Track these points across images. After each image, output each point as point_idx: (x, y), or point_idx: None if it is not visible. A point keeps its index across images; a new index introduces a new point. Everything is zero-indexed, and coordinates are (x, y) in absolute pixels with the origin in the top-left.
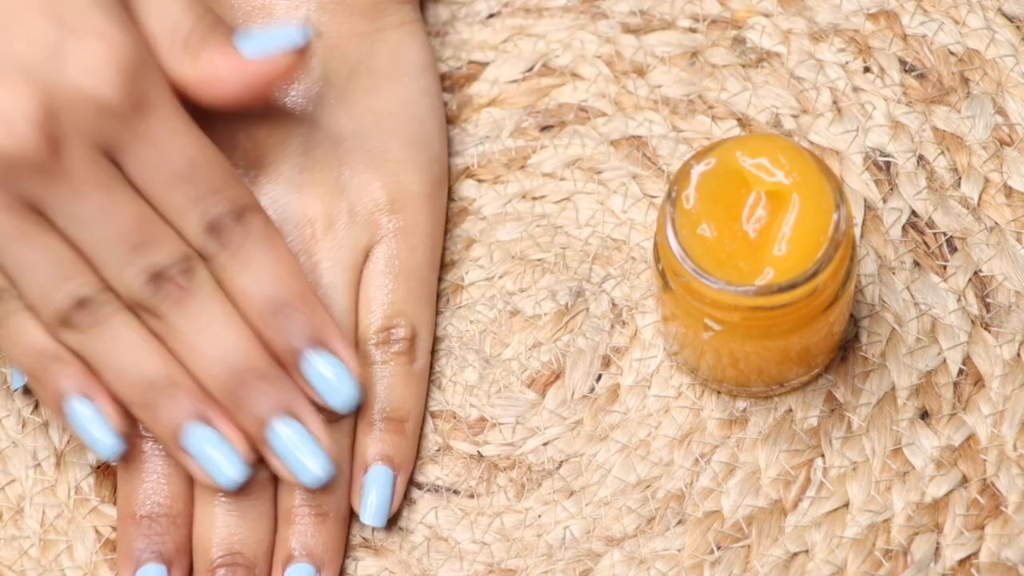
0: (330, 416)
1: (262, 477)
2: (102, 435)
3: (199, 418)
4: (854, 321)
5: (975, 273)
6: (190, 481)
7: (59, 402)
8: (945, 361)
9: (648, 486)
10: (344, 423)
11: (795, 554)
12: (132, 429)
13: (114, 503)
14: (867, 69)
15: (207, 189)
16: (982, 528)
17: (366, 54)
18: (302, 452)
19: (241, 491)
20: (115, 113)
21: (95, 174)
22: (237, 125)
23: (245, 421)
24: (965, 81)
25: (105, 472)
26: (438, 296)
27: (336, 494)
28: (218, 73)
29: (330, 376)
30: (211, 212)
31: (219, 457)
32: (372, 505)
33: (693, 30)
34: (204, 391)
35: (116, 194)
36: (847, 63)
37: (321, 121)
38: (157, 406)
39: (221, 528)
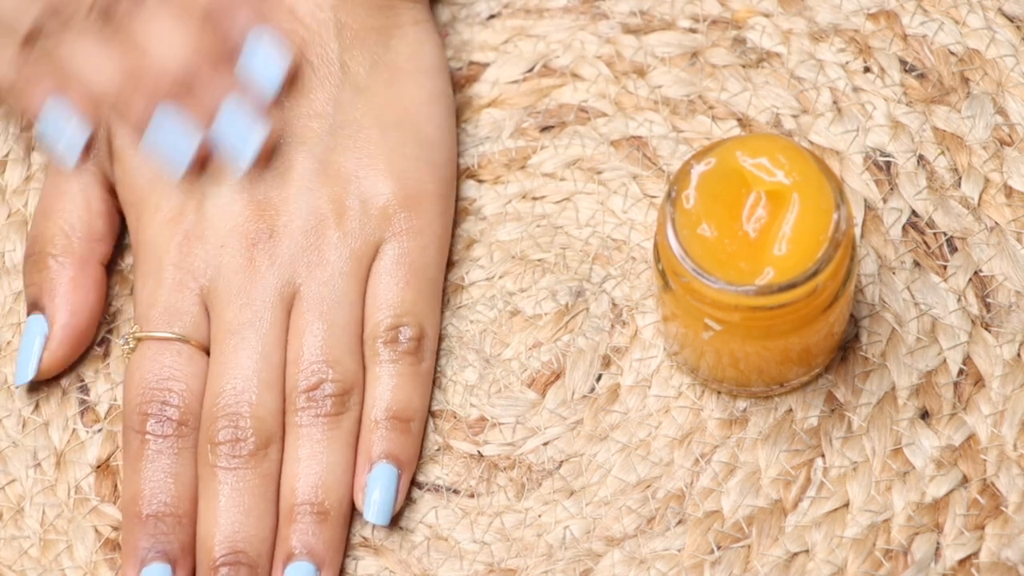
0: (333, 411)
1: (265, 474)
2: (75, 131)
3: (161, 104)
4: (854, 321)
5: (975, 273)
6: (195, 481)
7: (36, 109)
8: (945, 361)
9: (648, 486)
10: (348, 420)
11: (795, 554)
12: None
13: (114, 503)
14: (867, 69)
15: None
16: (982, 528)
17: (384, 49)
18: (244, 128)
19: (244, 489)
20: None
21: None
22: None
23: (196, 107)
24: (965, 81)
25: (105, 472)
26: None
27: (338, 492)
28: None
29: (269, 52)
30: None
31: (179, 137)
32: (376, 503)
33: (693, 30)
34: (161, 85)
35: None
36: (847, 63)
37: (344, 107)
38: (123, 101)
39: (224, 526)
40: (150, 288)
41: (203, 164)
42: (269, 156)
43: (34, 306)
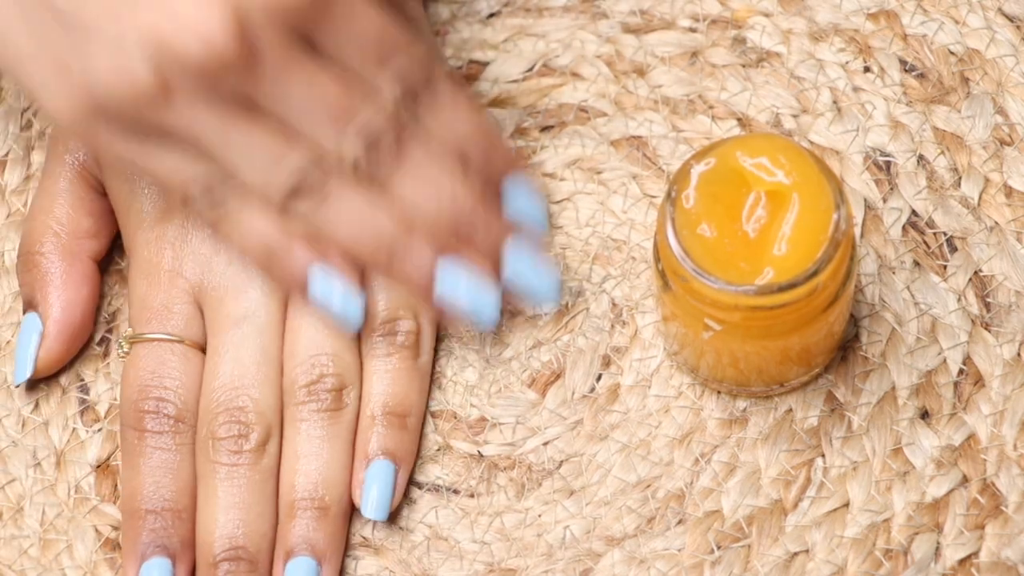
0: (332, 406)
1: (265, 470)
2: (349, 300)
3: (446, 254)
4: (854, 321)
5: (975, 273)
6: (193, 477)
7: (302, 278)
8: (945, 361)
9: (648, 486)
10: (346, 415)
11: (795, 554)
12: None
13: (114, 502)
14: (867, 69)
15: (397, 53)
16: (982, 528)
17: None
18: (536, 269)
19: (244, 486)
20: (301, 2)
21: (292, 58)
22: None
23: (482, 256)
24: (965, 81)
25: (105, 471)
26: None
27: (338, 488)
28: None
29: (528, 198)
30: (404, 73)
31: (475, 285)
32: (373, 499)
33: (693, 30)
34: (440, 235)
35: (315, 71)
36: (847, 63)
37: None
38: (402, 257)
39: (224, 522)
40: (143, 289)
41: None
42: None
43: (28, 304)
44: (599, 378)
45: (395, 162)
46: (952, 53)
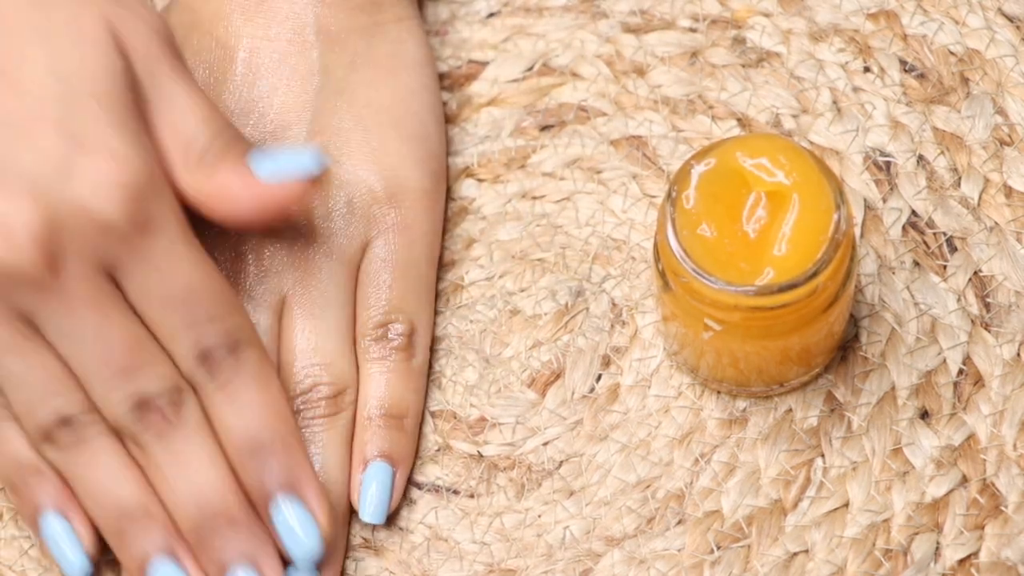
0: (327, 412)
1: None
2: (72, 554)
3: (166, 554)
4: (854, 321)
5: (975, 273)
6: None
7: (35, 515)
8: (945, 361)
9: (648, 486)
10: (343, 419)
11: (795, 554)
12: (100, 552)
13: None
14: (867, 69)
15: (204, 317)
16: (982, 528)
17: (365, 47)
18: None
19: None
20: (117, 233)
21: (91, 293)
22: (242, 117)
23: (208, 562)
24: (965, 81)
25: None
26: (438, 295)
27: (336, 492)
28: (230, 192)
29: (296, 526)
30: (205, 341)
31: None
32: (371, 502)
33: (693, 30)
34: (174, 526)
35: (110, 315)
36: (847, 63)
37: (321, 112)
38: (127, 535)
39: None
40: None
41: None
42: None
43: None
44: (599, 378)
45: (163, 434)
46: (952, 53)
